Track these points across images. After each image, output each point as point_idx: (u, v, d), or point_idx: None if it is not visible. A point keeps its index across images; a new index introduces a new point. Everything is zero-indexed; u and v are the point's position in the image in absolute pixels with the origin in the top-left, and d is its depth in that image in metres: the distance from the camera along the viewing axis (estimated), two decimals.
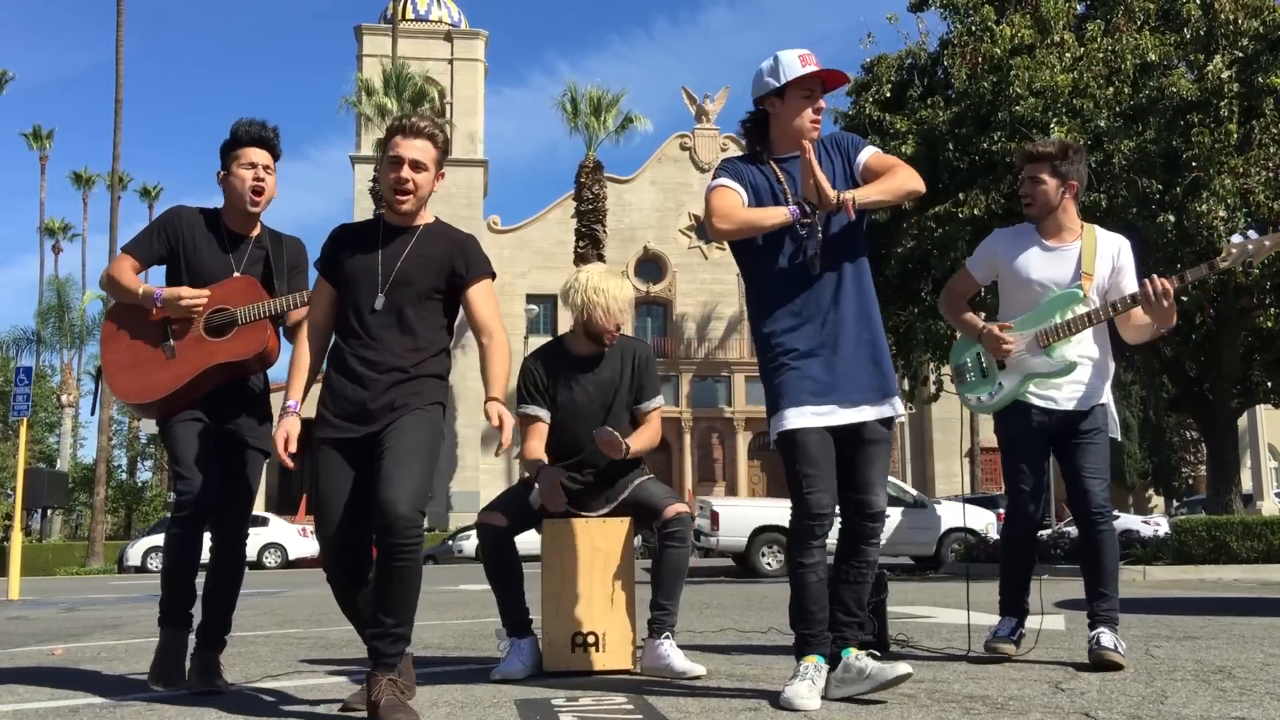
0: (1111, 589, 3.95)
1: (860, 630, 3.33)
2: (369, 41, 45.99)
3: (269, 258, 3.85)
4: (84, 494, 40.28)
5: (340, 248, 3.36)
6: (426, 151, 3.31)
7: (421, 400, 3.24)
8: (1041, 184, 4.01)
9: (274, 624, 6.95)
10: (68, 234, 54.97)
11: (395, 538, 2.98)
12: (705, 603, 8.11)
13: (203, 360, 3.69)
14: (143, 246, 3.79)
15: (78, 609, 9.78)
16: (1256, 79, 11.24)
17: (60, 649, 5.50)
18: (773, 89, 3.31)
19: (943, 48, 13.60)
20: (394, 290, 3.26)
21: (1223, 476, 13.84)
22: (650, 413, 4.18)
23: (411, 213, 3.33)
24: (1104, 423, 4.03)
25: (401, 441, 3.12)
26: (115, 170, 32.02)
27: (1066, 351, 3.97)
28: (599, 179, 39.40)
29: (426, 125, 3.34)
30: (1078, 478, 3.97)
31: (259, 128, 3.84)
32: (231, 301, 3.73)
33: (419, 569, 3.05)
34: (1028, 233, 4.11)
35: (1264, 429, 16.24)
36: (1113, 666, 3.73)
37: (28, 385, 14.98)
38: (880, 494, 3.30)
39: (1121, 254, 4.03)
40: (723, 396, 46.33)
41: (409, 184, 3.28)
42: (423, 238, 3.34)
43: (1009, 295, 4.12)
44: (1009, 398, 4.04)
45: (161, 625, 3.72)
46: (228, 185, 3.82)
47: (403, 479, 3.03)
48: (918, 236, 12.17)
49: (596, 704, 3.25)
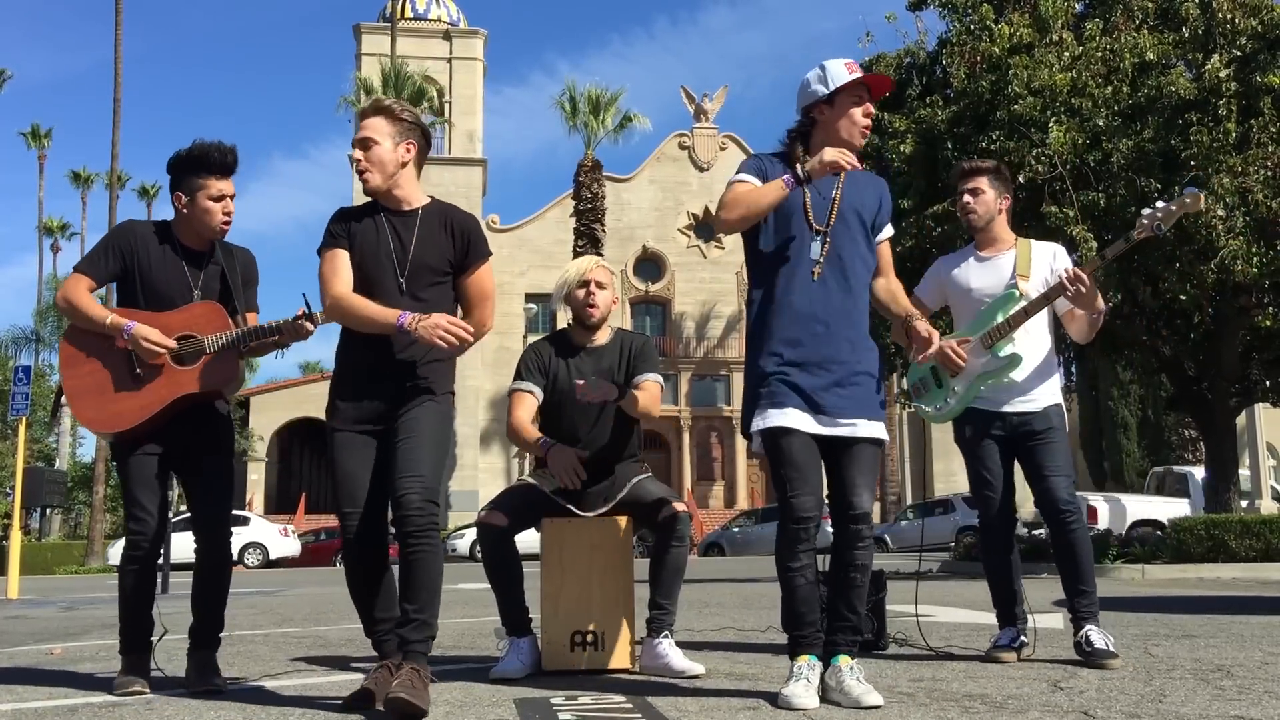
0: (1090, 584, 4.00)
1: (854, 634, 3.29)
2: (368, 40, 45.98)
3: (224, 274, 3.78)
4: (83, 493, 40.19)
5: (347, 221, 3.40)
6: (376, 127, 3.35)
7: (434, 388, 3.32)
8: (982, 193, 4.24)
9: (272, 623, 6.95)
10: (66, 233, 55.01)
11: (410, 526, 3.09)
12: (704, 601, 8.11)
13: (172, 390, 3.62)
14: (96, 265, 3.68)
15: (77, 608, 9.79)
16: (1255, 78, 11.23)
17: (59, 648, 5.50)
18: (822, 96, 3.34)
19: (941, 47, 13.59)
20: (411, 277, 3.32)
21: (1221, 475, 13.85)
22: (643, 383, 4.09)
23: (380, 189, 3.35)
24: (1059, 421, 4.13)
25: (415, 431, 3.21)
26: (114, 169, 32.01)
27: (1010, 349, 4.09)
28: (598, 178, 39.39)
29: (375, 101, 3.43)
30: (1041, 477, 4.04)
31: (228, 155, 3.72)
32: (198, 328, 3.65)
33: (438, 556, 3.16)
34: (966, 251, 4.36)
35: (1262, 428, 16.25)
36: (1110, 666, 3.75)
37: (27, 384, 14.99)
38: (864, 495, 3.26)
39: (1058, 257, 4.24)
40: (721, 395, 46.32)
41: (362, 163, 3.33)
42: (426, 220, 3.38)
43: (957, 311, 4.32)
44: (964, 402, 4.16)
45: (123, 654, 3.71)
46: (192, 213, 3.71)
47: (415, 469, 3.14)
48: (916, 235, 12.17)
49: (595, 703, 3.25)
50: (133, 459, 3.65)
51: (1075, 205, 11.30)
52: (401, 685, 2.91)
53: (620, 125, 39.60)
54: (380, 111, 3.39)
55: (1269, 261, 10.99)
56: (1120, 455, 42.02)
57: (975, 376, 4.13)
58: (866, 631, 4.50)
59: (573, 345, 4.20)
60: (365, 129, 3.35)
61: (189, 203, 3.71)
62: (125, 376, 3.62)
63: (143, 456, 3.65)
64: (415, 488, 3.11)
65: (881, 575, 4.60)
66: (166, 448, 3.69)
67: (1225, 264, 10.82)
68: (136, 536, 3.64)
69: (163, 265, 3.71)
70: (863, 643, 4.45)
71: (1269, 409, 15.99)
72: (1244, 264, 10.78)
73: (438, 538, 3.15)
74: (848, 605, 3.27)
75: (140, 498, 3.64)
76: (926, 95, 13.21)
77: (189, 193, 3.71)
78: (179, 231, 3.77)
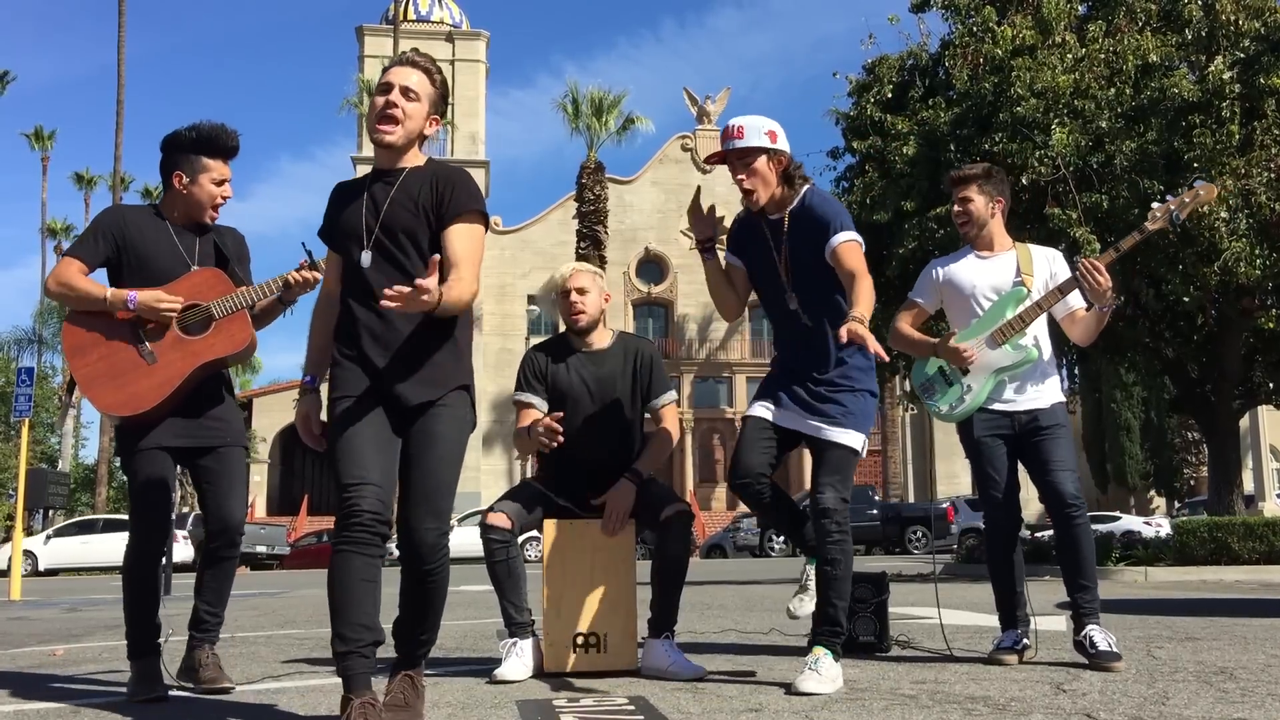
0: (1091, 580, 4.01)
1: (830, 625, 3.55)
2: (370, 42, 46.09)
3: (218, 246, 3.75)
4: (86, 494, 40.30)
5: (336, 207, 3.03)
6: (422, 84, 2.95)
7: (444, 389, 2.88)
8: (970, 202, 4.23)
9: (275, 624, 6.94)
10: (69, 234, 54.96)
11: (423, 564, 2.84)
12: (706, 604, 8.10)
13: (188, 361, 3.56)
14: (87, 247, 3.62)
15: (79, 609, 9.79)
16: (1258, 80, 11.21)
17: (61, 649, 5.51)
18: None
19: (944, 49, 13.58)
20: (381, 243, 2.88)
21: (1224, 478, 13.82)
22: (663, 408, 4.23)
23: (397, 147, 2.94)
24: (1064, 418, 4.16)
25: (428, 456, 2.83)
26: (117, 171, 32.09)
27: (1024, 343, 4.08)
28: (600, 180, 39.42)
29: (423, 60, 3.01)
30: (1046, 472, 4.04)
31: (234, 139, 3.72)
32: (202, 296, 3.59)
33: (447, 581, 2.93)
34: (963, 252, 4.32)
35: (1265, 430, 16.21)
36: (1114, 668, 3.74)
37: (29, 386, 15.00)
38: (826, 492, 3.56)
39: (1056, 261, 4.25)
40: (724, 397, 46.33)
41: (397, 110, 2.91)
42: (407, 179, 2.94)
43: (954, 311, 4.28)
44: (981, 397, 4.12)
45: (133, 659, 3.63)
46: (191, 194, 3.69)
47: (428, 499, 2.82)
48: (919, 237, 12.15)
49: (598, 705, 3.25)
50: (139, 456, 3.57)
51: (1078, 207, 11.29)
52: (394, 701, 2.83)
53: (623, 127, 39.66)
54: (426, 72, 2.98)
55: (1272, 264, 10.98)
56: (1123, 457, 42.00)
57: (992, 371, 4.08)
58: (869, 634, 4.50)
59: (571, 348, 4.21)
60: (410, 79, 2.94)
61: (189, 183, 3.68)
62: (136, 356, 3.55)
63: (150, 452, 3.58)
64: (427, 526, 2.81)
65: (884, 577, 4.59)
66: (174, 443, 3.62)
67: (1228, 266, 10.81)
68: (141, 536, 3.60)
69: (156, 241, 3.66)
70: (865, 644, 4.46)
71: (1272, 411, 15.96)
72: (1247, 266, 10.77)
73: (447, 567, 2.92)
74: (823, 598, 3.56)
75: (148, 496, 3.57)
76: (929, 97, 13.19)
77: (191, 174, 3.68)
78: (169, 212, 3.74)
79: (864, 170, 13.54)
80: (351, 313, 2.92)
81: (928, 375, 4.28)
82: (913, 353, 4.35)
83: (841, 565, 3.54)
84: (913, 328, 4.30)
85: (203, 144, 3.68)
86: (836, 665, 3.46)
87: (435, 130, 3.04)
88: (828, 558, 3.54)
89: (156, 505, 3.60)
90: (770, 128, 3.69)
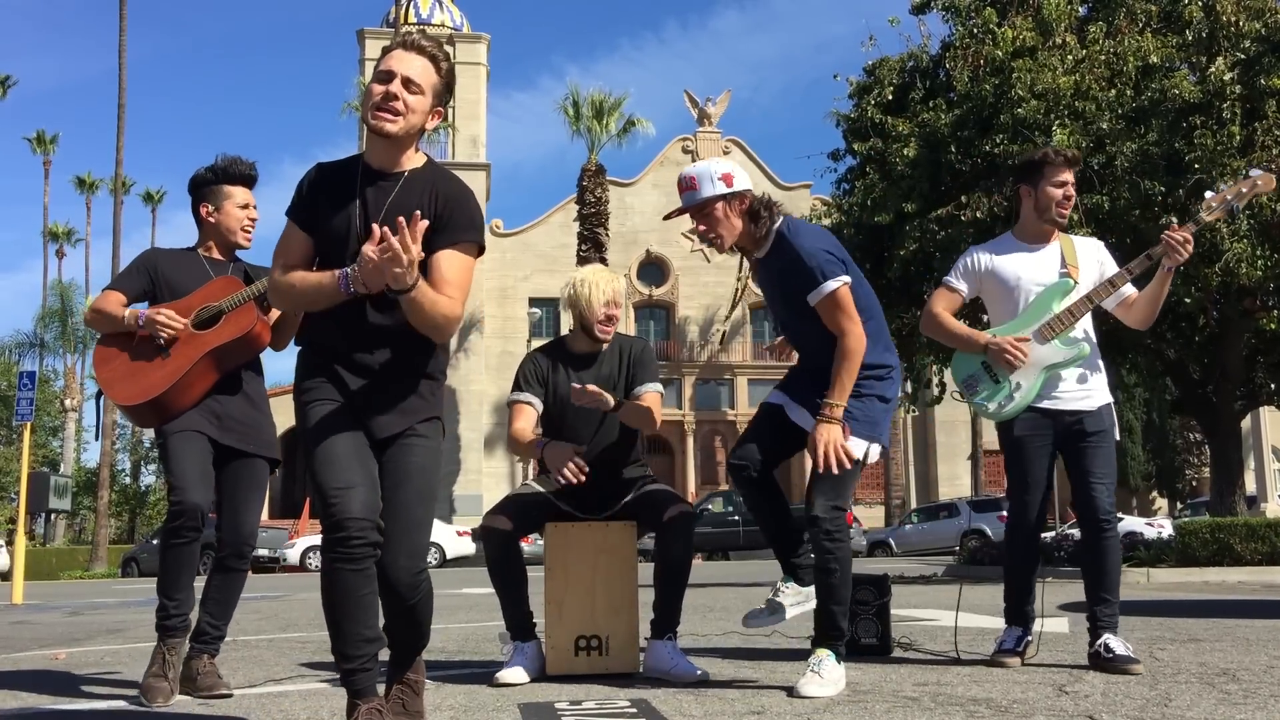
0: (1114, 594, 3.96)
1: (833, 630, 3.54)
2: (371, 45, 46.06)
3: (247, 274, 3.93)
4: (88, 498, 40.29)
5: (318, 191, 2.76)
6: (426, 74, 2.71)
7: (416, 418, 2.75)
8: (1072, 185, 4.10)
9: (276, 628, 6.94)
10: (71, 239, 55.06)
11: (403, 601, 2.73)
12: (709, 606, 8.10)
13: (196, 350, 3.73)
14: (128, 280, 3.90)
15: (81, 613, 9.79)
16: (1259, 81, 11.21)
17: (63, 654, 5.50)
18: None
19: (945, 50, 13.58)
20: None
21: (1226, 479, 13.81)
22: (644, 396, 4.11)
23: (396, 141, 2.70)
24: (1109, 423, 4.04)
25: (403, 489, 2.70)
26: (118, 175, 32.11)
27: (1075, 336, 3.99)
28: (601, 182, 39.46)
29: (429, 45, 2.74)
30: (1085, 483, 3.97)
31: (251, 169, 3.96)
32: (215, 299, 3.80)
33: (430, 600, 2.82)
34: (1005, 240, 4.22)
35: (1267, 431, 16.20)
36: (1134, 671, 3.72)
37: (31, 390, 14.99)
38: (816, 500, 3.56)
39: (1102, 251, 4.17)
40: (725, 399, 46.31)
41: (397, 101, 2.66)
42: (407, 185, 2.72)
43: (996, 303, 4.16)
44: (1031, 395, 4.00)
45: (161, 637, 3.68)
46: (219, 220, 3.91)
47: (406, 536, 2.68)
48: (920, 239, 12.15)
49: (600, 707, 3.25)
50: (172, 438, 3.69)
51: (1079, 208, 11.28)
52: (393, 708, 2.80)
53: (624, 129, 39.70)
54: (432, 59, 2.73)
55: (1273, 264, 10.97)
56: (1125, 458, 42.01)
57: (1043, 368, 3.98)
58: (871, 636, 4.50)
59: (572, 353, 4.19)
60: (414, 68, 2.69)
61: (215, 211, 3.91)
62: (151, 355, 3.76)
63: (183, 434, 3.71)
64: (407, 565, 2.67)
65: (885, 580, 4.59)
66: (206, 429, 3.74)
67: (1230, 267, 10.80)
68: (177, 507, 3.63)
69: (188, 271, 3.88)
70: (867, 647, 4.46)
71: (1274, 412, 15.95)
72: (1248, 267, 10.76)
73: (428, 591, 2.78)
74: (823, 602, 3.56)
75: (180, 469, 3.65)
76: (930, 99, 13.19)
77: (216, 202, 3.92)
78: (204, 246, 3.96)
79: (865, 172, 13.54)
80: (325, 328, 2.74)
81: (971, 371, 4.11)
82: (953, 345, 4.21)
83: (837, 573, 3.53)
84: (951, 314, 4.17)
85: (221, 175, 3.92)
86: (839, 667, 3.46)
87: (436, 124, 2.78)
88: (823, 565, 3.53)
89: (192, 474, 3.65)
90: (725, 171, 3.61)
